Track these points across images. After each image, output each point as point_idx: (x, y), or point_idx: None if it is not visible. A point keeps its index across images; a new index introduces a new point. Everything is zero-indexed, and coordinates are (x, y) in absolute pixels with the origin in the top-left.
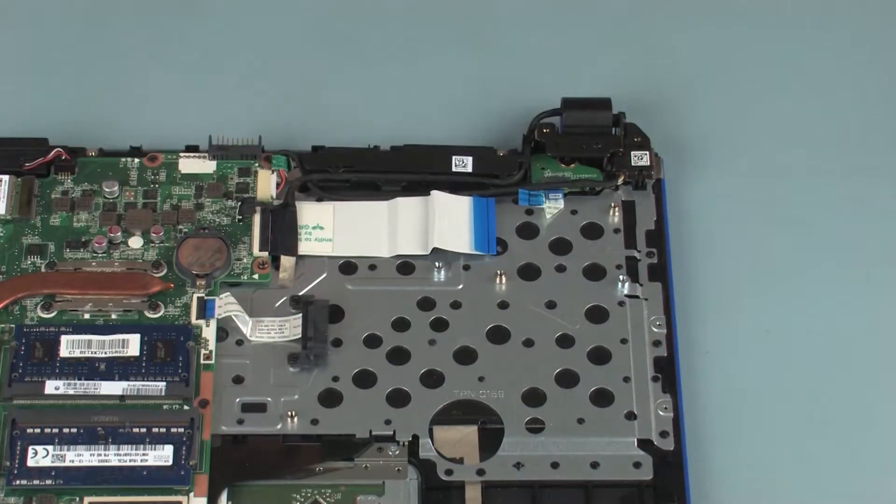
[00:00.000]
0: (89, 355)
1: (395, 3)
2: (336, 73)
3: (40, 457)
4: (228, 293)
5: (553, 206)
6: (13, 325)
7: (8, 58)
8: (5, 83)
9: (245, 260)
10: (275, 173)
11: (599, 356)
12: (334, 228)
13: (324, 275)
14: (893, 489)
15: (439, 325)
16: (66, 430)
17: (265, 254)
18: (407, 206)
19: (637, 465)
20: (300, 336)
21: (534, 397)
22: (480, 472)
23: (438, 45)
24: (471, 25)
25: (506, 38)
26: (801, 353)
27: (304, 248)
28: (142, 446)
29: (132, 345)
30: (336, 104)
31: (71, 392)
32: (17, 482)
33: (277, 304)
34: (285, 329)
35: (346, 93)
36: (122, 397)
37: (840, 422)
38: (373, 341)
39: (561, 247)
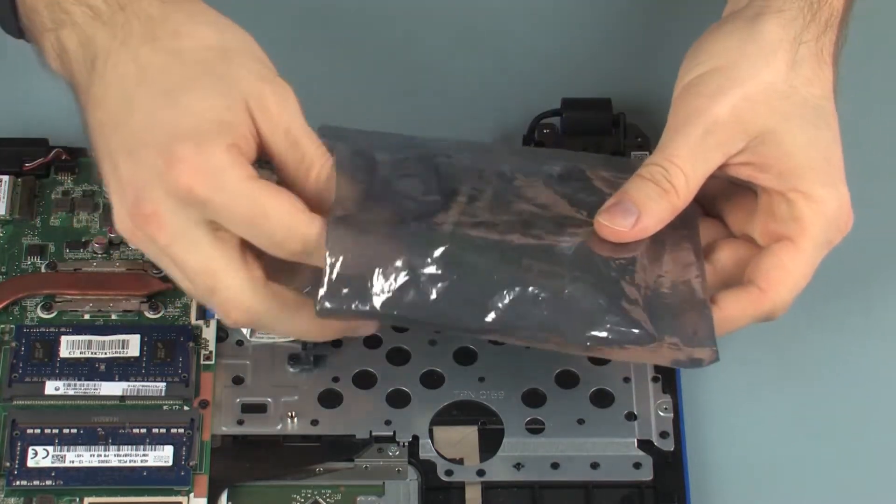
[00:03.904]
0: (89, 356)
1: (395, 2)
2: (336, 72)
3: (40, 457)
4: None
5: None
6: (13, 326)
7: (8, 58)
8: (5, 83)
9: None
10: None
11: (599, 356)
12: None
13: None
14: (894, 489)
15: None
16: (66, 431)
17: None
18: None
19: (637, 465)
20: None
21: (534, 397)
22: (480, 473)
23: (438, 45)
24: (471, 25)
25: (506, 38)
26: (801, 353)
27: None
28: (142, 447)
29: (132, 345)
30: (336, 104)
31: (71, 392)
32: (17, 483)
33: None
34: None
35: (346, 93)
36: (122, 398)
37: (841, 421)
38: (373, 341)
39: None
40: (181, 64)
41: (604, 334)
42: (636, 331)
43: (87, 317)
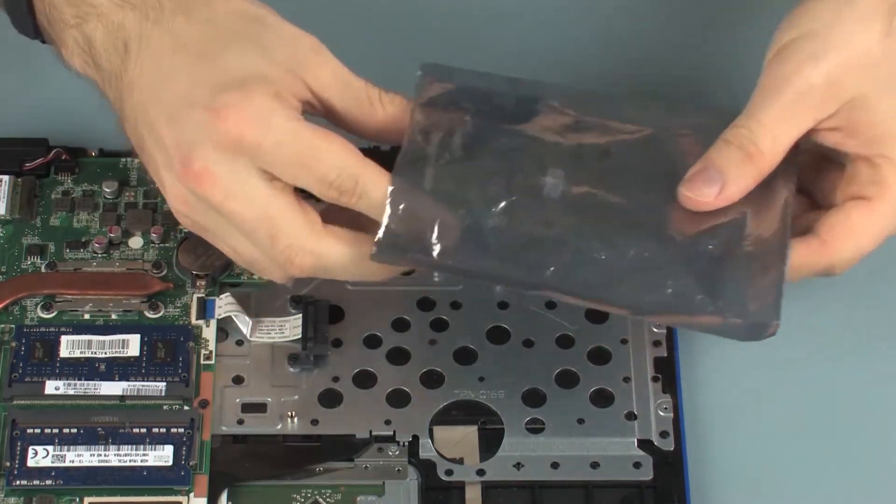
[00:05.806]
0: (89, 355)
1: (394, 2)
2: None
3: (40, 457)
4: (228, 293)
5: None
6: (13, 325)
7: (8, 58)
8: (5, 83)
9: None
10: None
11: (599, 356)
12: None
13: None
14: (893, 489)
15: (439, 325)
16: (66, 431)
17: None
18: None
19: (637, 465)
20: (300, 336)
21: (534, 397)
22: (480, 473)
23: (438, 45)
24: (470, 26)
25: (506, 38)
26: (801, 353)
27: None
28: (142, 447)
29: (132, 345)
30: None
31: (71, 392)
32: (17, 482)
33: (277, 304)
34: (285, 329)
35: None
36: (122, 397)
37: (840, 422)
38: (373, 341)
39: None
40: (216, 30)
41: (662, 300)
42: (699, 296)
43: (87, 317)
